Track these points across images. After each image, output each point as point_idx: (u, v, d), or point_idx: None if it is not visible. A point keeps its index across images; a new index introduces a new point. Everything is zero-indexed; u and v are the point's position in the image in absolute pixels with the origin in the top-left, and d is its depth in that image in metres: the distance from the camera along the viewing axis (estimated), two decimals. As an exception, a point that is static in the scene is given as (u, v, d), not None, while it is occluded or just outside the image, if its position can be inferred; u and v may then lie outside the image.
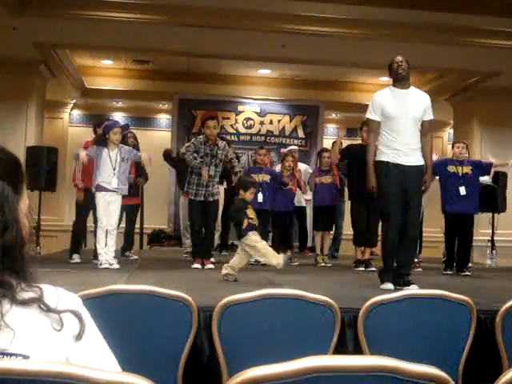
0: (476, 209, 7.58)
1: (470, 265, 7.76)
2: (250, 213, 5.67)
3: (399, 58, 5.45)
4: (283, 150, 9.74)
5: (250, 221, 5.59)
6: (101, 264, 6.54)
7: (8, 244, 1.26)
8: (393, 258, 5.38)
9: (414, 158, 5.35)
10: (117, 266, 6.54)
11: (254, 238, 5.53)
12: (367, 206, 7.35)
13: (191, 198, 7.10)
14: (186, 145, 7.13)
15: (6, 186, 1.29)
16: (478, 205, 7.59)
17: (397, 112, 5.31)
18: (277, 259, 5.46)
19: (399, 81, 5.42)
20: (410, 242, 5.48)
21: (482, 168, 7.63)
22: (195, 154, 7.04)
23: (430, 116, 5.48)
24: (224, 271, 5.54)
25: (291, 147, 10.13)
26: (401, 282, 5.23)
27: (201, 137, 7.16)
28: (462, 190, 7.31)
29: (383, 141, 5.38)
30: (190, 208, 7.30)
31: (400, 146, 5.29)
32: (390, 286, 5.21)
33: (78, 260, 7.37)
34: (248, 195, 5.72)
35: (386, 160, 5.31)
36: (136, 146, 8.48)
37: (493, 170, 7.97)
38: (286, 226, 8.46)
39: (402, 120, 5.31)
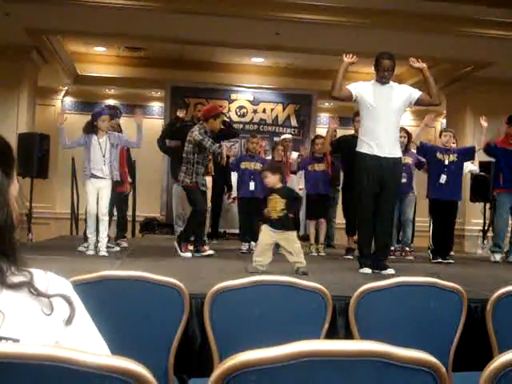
0: (459, 196, 7.64)
1: (452, 253, 7.84)
2: (271, 202, 5.18)
3: (387, 65, 5.65)
4: (282, 137, 9.76)
5: (265, 212, 5.14)
6: (87, 249, 6.66)
7: (-1, 226, 1.26)
8: (368, 244, 5.74)
9: (393, 150, 5.61)
10: (104, 254, 6.60)
11: (260, 235, 5.23)
12: None
13: (202, 188, 7.05)
14: (199, 132, 6.92)
15: (-4, 168, 1.29)
16: (460, 192, 7.70)
17: (377, 104, 5.56)
18: (251, 264, 5.17)
19: (381, 83, 5.69)
20: (385, 229, 5.78)
21: (466, 153, 7.68)
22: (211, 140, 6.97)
23: (417, 93, 5.75)
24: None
25: (285, 136, 10.10)
26: (378, 266, 5.54)
27: (200, 127, 7.06)
28: (443, 179, 7.38)
29: (364, 131, 5.64)
30: (194, 194, 7.15)
31: (379, 138, 5.54)
32: (367, 270, 5.54)
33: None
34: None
35: (365, 152, 5.57)
36: None
37: (477, 156, 8.01)
38: None
39: (382, 112, 5.55)
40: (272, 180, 5.26)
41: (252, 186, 7.94)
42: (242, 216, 8.33)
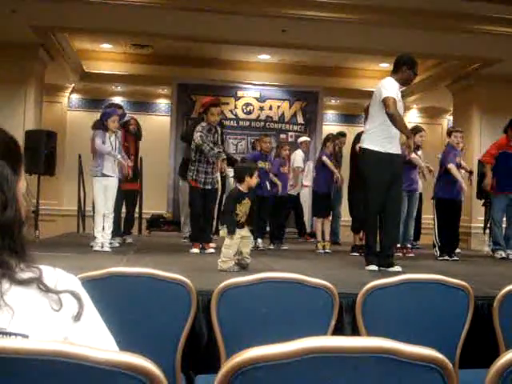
0: (461, 195, 7.79)
1: (458, 250, 7.89)
2: (241, 209, 5.12)
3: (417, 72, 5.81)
4: (300, 140, 9.81)
5: (235, 217, 5.09)
6: (93, 246, 6.72)
7: (7, 222, 1.27)
8: (375, 242, 5.76)
9: (399, 148, 5.71)
10: (107, 250, 6.70)
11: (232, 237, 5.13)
12: None
13: (200, 186, 7.08)
14: (200, 134, 6.95)
15: (5, 165, 1.30)
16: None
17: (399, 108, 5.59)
18: (221, 263, 5.07)
19: (401, 84, 5.75)
20: (393, 225, 5.81)
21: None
22: (206, 139, 7.01)
23: None
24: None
25: (305, 138, 10.02)
26: (384, 263, 5.55)
27: (204, 125, 7.10)
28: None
29: (379, 129, 5.62)
30: (191, 193, 7.30)
31: (393, 136, 5.60)
32: (374, 267, 5.57)
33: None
34: (246, 184, 5.18)
35: (378, 150, 5.59)
36: (138, 132, 8.50)
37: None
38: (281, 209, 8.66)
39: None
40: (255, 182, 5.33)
41: (268, 185, 8.03)
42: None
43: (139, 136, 8.52)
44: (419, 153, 8.07)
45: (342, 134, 9.54)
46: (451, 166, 7.40)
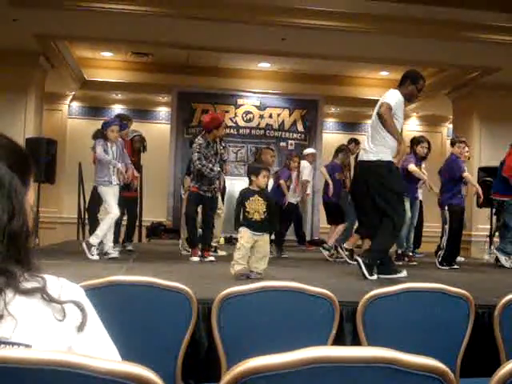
0: None
1: (462, 259, 7.87)
2: (251, 205, 5.09)
3: (423, 87, 5.78)
4: (305, 152, 9.83)
5: (246, 214, 5.08)
6: (92, 255, 6.68)
7: (14, 232, 1.27)
8: (379, 251, 5.67)
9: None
10: (108, 256, 6.70)
11: (239, 235, 5.14)
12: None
13: (201, 193, 7.15)
14: (198, 155, 7.06)
15: (14, 176, 1.30)
16: None
17: (400, 119, 5.60)
18: (232, 267, 5.07)
19: (407, 100, 5.75)
20: (389, 232, 5.73)
21: None
22: (204, 162, 7.09)
23: None
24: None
25: (308, 151, 10.00)
26: (383, 271, 5.57)
27: (201, 140, 7.15)
28: (463, 189, 7.60)
29: (384, 142, 5.59)
30: (189, 196, 7.38)
31: (392, 148, 5.58)
32: (373, 276, 5.51)
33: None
34: (254, 184, 5.18)
35: (391, 160, 5.59)
36: (144, 148, 8.57)
37: None
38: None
39: (398, 126, 5.59)
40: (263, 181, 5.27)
41: None
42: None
43: (144, 151, 8.63)
44: (423, 165, 8.11)
45: (356, 142, 9.46)
46: (467, 174, 7.43)
